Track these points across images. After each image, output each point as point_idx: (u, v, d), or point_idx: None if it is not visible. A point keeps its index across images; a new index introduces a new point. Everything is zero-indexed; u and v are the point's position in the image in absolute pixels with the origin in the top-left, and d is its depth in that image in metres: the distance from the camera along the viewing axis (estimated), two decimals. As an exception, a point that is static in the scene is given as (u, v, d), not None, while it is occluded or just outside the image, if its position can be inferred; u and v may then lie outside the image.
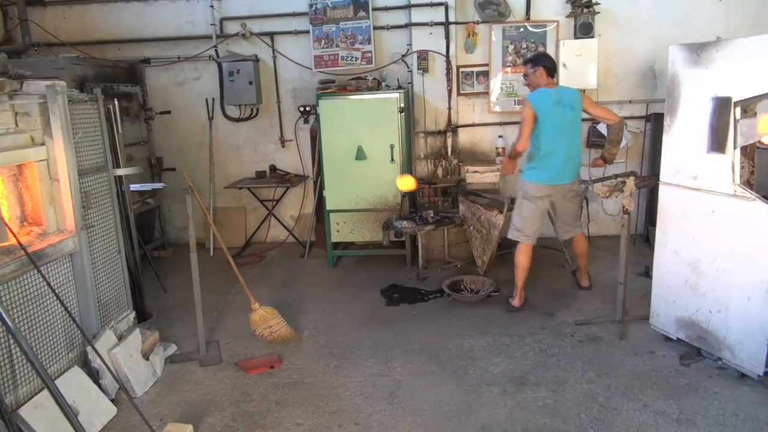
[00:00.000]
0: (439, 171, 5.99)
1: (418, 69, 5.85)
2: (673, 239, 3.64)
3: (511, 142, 5.98)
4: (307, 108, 6.11)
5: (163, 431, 2.97)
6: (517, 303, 4.42)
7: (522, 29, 5.89)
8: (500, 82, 6.00)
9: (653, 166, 5.47)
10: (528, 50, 5.87)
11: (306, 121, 6.27)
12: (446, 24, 5.80)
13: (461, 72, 6.04)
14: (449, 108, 5.94)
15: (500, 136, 6.06)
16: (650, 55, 5.88)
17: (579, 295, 4.65)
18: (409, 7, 5.86)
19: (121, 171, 3.98)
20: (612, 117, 4.34)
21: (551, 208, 4.48)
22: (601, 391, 3.28)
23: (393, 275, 5.34)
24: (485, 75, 6.03)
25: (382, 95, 5.35)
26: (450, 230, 5.45)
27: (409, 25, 5.90)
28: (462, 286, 4.83)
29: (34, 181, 3.23)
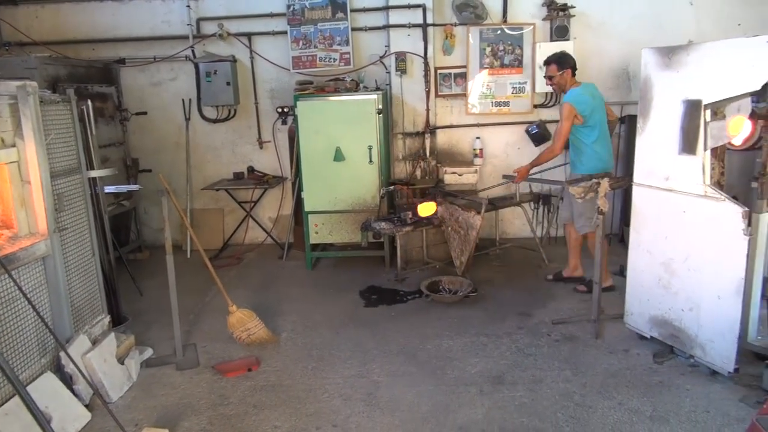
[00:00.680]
0: (418, 172, 6.01)
1: (396, 70, 5.86)
2: (646, 239, 3.70)
3: (491, 144, 6.13)
4: (285, 109, 6.07)
5: (139, 436, 2.94)
6: (611, 282, 4.66)
7: (499, 32, 5.95)
8: (478, 84, 6.05)
9: (628, 168, 5.55)
10: (505, 52, 5.94)
11: (284, 122, 6.23)
12: (424, 26, 5.83)
13: (439, 74, 6.08)
14: (427, 109, 5.96)
15: (478, 138, 6.11)
16: (624, 58, 5.97)
17: (556, 295, 4.71)
18: (387, 9, 5.87)
19: (95, 173, 3.94)
20: (611, 115, 4.73)
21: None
22: (577, 390, 3.32)
23: (372, 276, 5.35)
24: (463, 77, 6.07)
25: (361, 96, 5.35)
26: (428, 231, 5.48)
27: (387, 27, 5.91)
28: (440, 287, 4.86)
29: (5, 184, 3.17)
